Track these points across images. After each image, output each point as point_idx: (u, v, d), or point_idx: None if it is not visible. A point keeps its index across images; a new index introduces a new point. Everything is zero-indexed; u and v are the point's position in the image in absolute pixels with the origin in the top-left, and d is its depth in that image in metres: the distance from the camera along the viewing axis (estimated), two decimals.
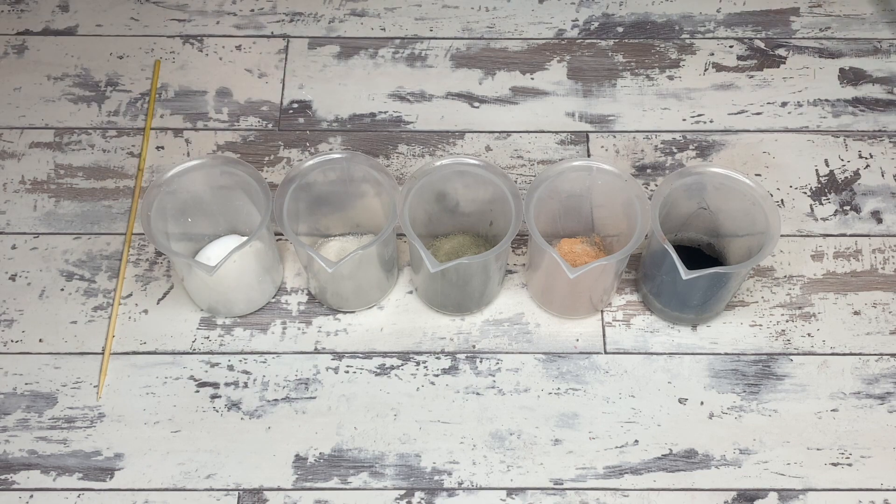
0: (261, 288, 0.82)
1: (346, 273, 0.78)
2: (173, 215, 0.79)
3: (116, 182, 0.89)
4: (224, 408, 0.79)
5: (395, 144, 0.92)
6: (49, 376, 0.80)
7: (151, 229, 0.75)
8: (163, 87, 0.95)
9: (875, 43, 0.98)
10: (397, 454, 0.77)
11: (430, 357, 0.81)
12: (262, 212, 0.77)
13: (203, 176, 0.79)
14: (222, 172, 0.79)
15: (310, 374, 0.80)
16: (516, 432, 0.78)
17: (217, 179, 0.80)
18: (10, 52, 0.97)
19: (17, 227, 0.87)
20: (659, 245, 0.76)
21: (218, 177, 0.79)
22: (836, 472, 0.77)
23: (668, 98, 0.95)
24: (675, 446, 0.78)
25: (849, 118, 0.94)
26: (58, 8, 1.00)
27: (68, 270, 0.85)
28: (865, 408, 0.79)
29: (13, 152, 0.91)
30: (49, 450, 0.77)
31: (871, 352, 0.82)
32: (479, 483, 0.76)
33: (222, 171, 0.79)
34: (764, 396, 0.80)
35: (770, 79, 0.96)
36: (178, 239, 0.81)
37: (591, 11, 1.01)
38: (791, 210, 0.88)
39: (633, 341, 0.82)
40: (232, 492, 0.75)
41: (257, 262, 0.79)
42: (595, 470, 0.77)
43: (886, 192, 0.89)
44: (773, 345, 0.82)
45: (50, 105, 0.94)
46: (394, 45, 0.98)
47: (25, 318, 0.83)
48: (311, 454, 0.77)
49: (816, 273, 0.85)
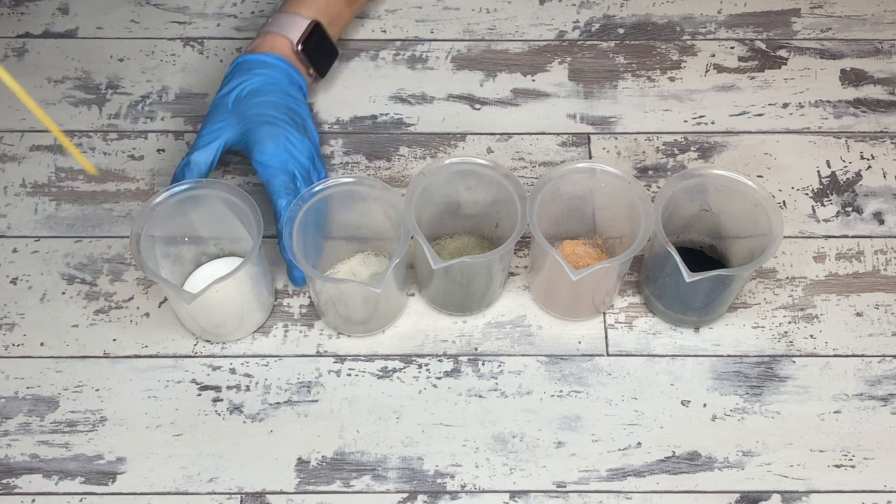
0: (249, 316, 0.80)
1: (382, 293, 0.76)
2: (162, 241, 0.78)
3: (117, 185, 0.89)
4: (226, 411, 0.79)
5: (395, 147, 0.92)
6: (50, 380, 0.80)
7: (141, 255, 0.74)
8: (163, 90, 0.95)
9: (876, 44, 0.98)
10: (400, 457, 0.77)
11: (432, 360, 0.81)
12: (254, 237, 0.75)
13: (196, 201, 0.78)
14: (216, 198, 0.78)
15: (312, 378, 0.80)
16: (519, 435, 0.78)
17: (211, 203, 0.78)
18: (10, 54, 0.97)
19: (17, 231, 0.87)
20: (661, 247, 0.76)
21: (213, 201, 0.78)
22: (839, 474, 0.77)
23: (669, 99, 0.95)
24: (678, 448, 0.78)
25: (850, 119, 0.94)
26: (58, 11, 1.00)
27: (69, 274, 0.85)
28: (868, 409, 0.79)
29: (14, 155, 0.91)
30: (51, 454, 0.77)
31: (873, 353, 0.82)
32: (482, 486, 0.76)
33: (216, 197, 0.78)
34: (766, 398, 0.80)
35: (771, 80, 0.96)
36: (173, 260, 0.80)
37: (591, 13, 1.01)
38: (793, 211, 0.88)
39: (636, 343, 0.82)
40: (234, 495, 0.75)
41: (250, 288, 0.78)
42: (598, 472, 0.76)
43: (888, 194, 0.89)
44: (775, 346, 0.82)
45: (50, 108, 0.93)
46: (394, 48, 0.98)
47: (27, 321, 0.83)
48: (314, 457, 0.77)
49: (819, 275, 0.85)
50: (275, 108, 0.84)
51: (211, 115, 0.84)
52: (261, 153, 0.81)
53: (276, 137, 0.81)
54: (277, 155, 0.81)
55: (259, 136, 0.81)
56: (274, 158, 0.80)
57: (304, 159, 0.82)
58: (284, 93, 0.85)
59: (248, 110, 0.83)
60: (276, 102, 0.84)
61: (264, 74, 0.85)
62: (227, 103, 0.84)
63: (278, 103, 0.84)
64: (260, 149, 0.81)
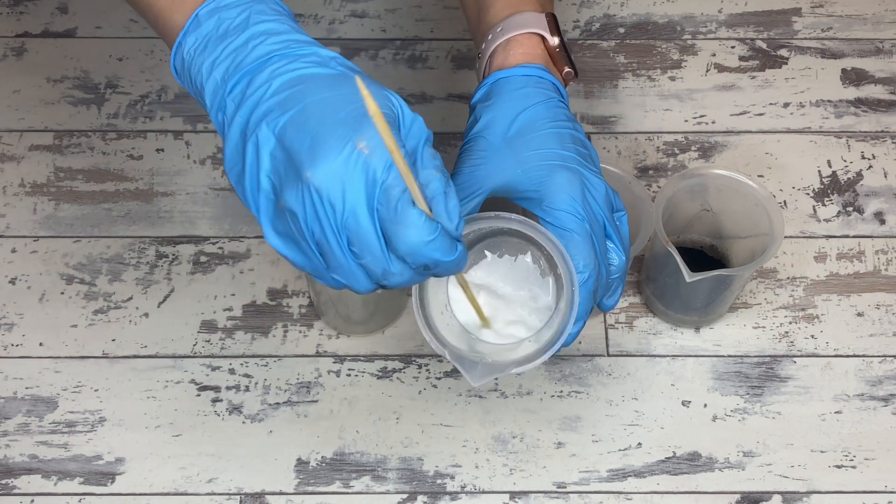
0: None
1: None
2: None
3: (116, 185, 0.89)
4: (225, 412, 0.79)
5: None
6: (49, 380, 0.80)
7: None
8: (163, 90, 0.95)
9: (877, 43, 0.98)
10: (399, 458, 0.77)
11: (432, 360, 0.81)
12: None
13: None
14: None
15: (311, 378, 0.80)
16: (519, 435, 0.78)
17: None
18: (9, 54, 0.97)
19: (16, 231, 0.87)
20: (662, 247, 0.75)
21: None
22: (840, 475, 0.76)
23: (669, 99, 0.95)
24: (679, 449, 0.77)
25: (851, 119, 0.93)
26: (57, 10, 1.00)
27: (68, 274, 0.85)
28: (869, 410, 0.79)
29: (12, 155, 0.91)
30: (50, 454, 0.77)
31: (874, 353, 0.81)
32: (482, 486, 0.76)
33: None
34: (767, 399, 0.79)
35: (772, 79, 0.96)
36: None
37: (592, 12, 1.00)
38: (794, 211, 0.88)
39: (636, 344, 0.82)
40: (234, 496, 0.75)
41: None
42: (598, 473, 0.76)
43: (889, 194, 0.89)
44: (776, 347, 0.82)
45: (49, 107, 0.93)
46: (394, 47, 0.98)
47: (25, 321, 0.82)
48: (313, 458, 0.77)
49: (819, 275, 0.85)
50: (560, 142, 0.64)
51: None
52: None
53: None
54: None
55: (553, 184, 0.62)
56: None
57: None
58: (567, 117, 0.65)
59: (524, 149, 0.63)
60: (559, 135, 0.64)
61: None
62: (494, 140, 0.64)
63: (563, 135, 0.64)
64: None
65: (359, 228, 0.51)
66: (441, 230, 0.51)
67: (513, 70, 0.66)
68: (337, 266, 0.52)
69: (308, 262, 0.53)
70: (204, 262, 0.85)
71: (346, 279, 0.53)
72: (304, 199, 0.51)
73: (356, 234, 0.51)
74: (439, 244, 0.51)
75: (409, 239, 0.50)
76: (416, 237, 0.50)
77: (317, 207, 0.50)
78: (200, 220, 0.87)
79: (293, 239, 0.53)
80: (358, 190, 0.50)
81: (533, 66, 0.66)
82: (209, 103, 0.55)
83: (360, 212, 0.50)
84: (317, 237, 0.51)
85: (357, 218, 0.50)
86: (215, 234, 0.87)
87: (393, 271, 0.52)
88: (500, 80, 0.66)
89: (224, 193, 0.89)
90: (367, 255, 0.51)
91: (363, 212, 0.50)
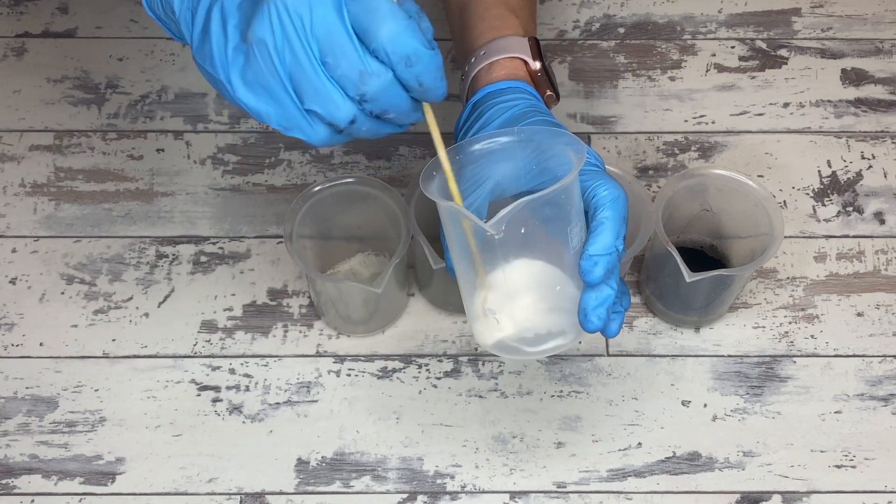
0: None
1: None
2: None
3: (117, 185, 0.89)
4: (226, 411, 0.79)
5: (395, 146, 0.92)
6: (50, 380, 0.80)
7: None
8: (163, 90, 0.95)
9: (877, 43, 0.98)
10: (400, 458, 0.77)
11: (432, 360, 0.81)
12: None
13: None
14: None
15: (311, 378, 0.80)
16: (519, 435, 0.78)
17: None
18: (9, 54, 0.97)
19: (16, 231, 0.87)
20: (662, 247, 0.75)
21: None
22: (840, 475, 0.76)
23: (669, 99, 0.95)
24: (679, 449, 0.77)
25: (851, 119, 0.93)
26: (57, 10, 1.00)
27: (69, 274, 0.85)
28: (869, 409, 0.79)
29: (13, 155, 0.91)
30: (50, 454, 0.77)
31: (874, 353, 0.81)
32: (482, 486, 0.76)
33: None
34: (767, 398, 0.79)
35: (772, 79, 0.96)
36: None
37: (592, 12, 1.00)
38: (794, 211, 0.88)
39: (636, 344, 0.82)
40: (234, 496, 0.75)
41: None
42: (598, 473, 0.76)
43: (889, 194, 0.89)
44: (776, 347, 0.82)
45: (49, 107, 0.93)
46: None
47: (26, 321, 0.82)
48: (314, 458, 0.77)
49: (819, 275, 0.85)
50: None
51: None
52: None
53: None
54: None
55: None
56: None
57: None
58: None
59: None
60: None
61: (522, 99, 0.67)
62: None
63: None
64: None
65: (329, 32, 0.50)
66: (415, 21, 0.51)
67: (497, 84, 0.68)
68: (312, 92, 0.51)
69: (280, 109, 0.52)
70: (204, 262, 0.85)
71: (323, 105, 0.51)
72: (272, 19, 0.50)
73: (328, 39, 0.50)
74: (416, 33, 0.51)
75: (386, 24, 0.50)
76: (393, 22, 0.50)
77: (284, 24, 0.50)
78: (200, 220, 0.87)
79: (264, 85, 0.51)
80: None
81: (516, 80, 0.68)
82: (178, 9, 0.55)
83: (329, 14, 0.50)
84: (288, 64, 0.50)
85: (327, 22, 0.50)
86: (215, 234, 0.87)
87: (370, 70, 0.50)
88: (485, 95, 0.68)
89: (224, 193, 0.89)
90: (342, 61, 0.50)
91: (331, 13, 0.50)
